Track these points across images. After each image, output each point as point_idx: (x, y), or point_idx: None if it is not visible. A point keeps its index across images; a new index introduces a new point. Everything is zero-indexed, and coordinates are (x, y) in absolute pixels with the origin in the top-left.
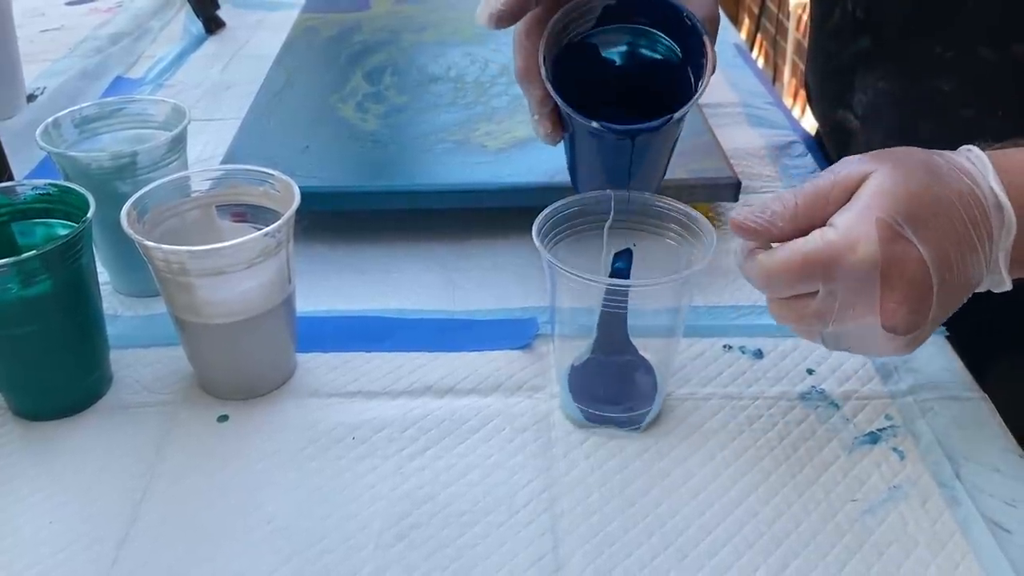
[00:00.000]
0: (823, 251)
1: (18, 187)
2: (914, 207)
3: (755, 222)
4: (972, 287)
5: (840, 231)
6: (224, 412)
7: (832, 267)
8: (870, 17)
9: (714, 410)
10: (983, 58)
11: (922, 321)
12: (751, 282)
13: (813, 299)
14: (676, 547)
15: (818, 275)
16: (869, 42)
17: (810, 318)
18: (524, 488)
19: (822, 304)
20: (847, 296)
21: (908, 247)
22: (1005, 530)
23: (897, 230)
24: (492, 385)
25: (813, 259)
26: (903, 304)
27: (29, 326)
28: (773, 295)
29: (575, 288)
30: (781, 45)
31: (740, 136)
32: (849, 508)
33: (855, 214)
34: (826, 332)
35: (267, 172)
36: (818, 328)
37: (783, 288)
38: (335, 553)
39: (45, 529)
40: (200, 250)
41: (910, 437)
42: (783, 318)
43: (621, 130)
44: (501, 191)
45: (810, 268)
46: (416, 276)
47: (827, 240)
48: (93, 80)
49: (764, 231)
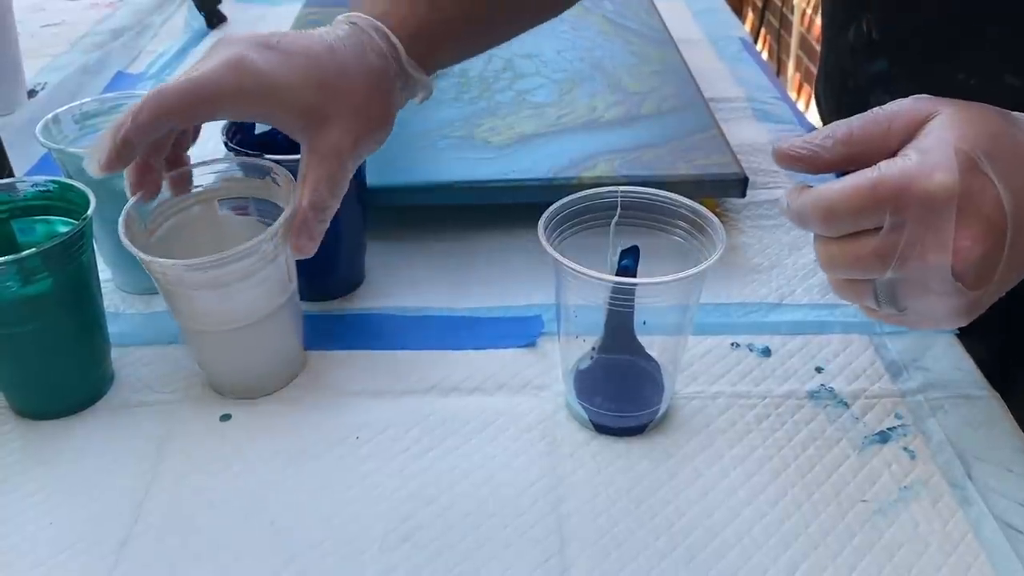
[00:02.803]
0: (897, 176)
1: (18, 184)
2: (994, 146)
3: (804, 148)
4: None
5: (915, 158)
6: (227, 411)
7: (905, 194)
8: (886, 38)
9: (721, 409)
10: (1009, 85)
11: (991, 274)
12: (803, 221)
13: (874, 237)
14: (684, 548)
15: (888, 203)
16: (887, 64)
17: (869, 258)
18: (530, 488)
19: (885, 239)
20: (915, 230)
21: (987, 183)
22: (1018, 531)
23: (976, 161)
24: (497, 384)
25: (884, 183)
26: (977, 243)
27: (29, 324)
28: (831, 231)
29: (581, 286)
30: (785, 39)
31: (747, 131)
32: (859, 509)
33: (931, 142)
34: (881, 282)
35: (268, 164)
36: (877, 271)
37: (846, 220)
38: (338, 554)
39: (46, 529)
40: (197, 263)
41: (921, 436)
42: (836, 262)
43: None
44: (505, 187)
45: (882, 194)
46: (419, 273)
47: (901, 165)
48: (94, 76)
49: (812, 157)
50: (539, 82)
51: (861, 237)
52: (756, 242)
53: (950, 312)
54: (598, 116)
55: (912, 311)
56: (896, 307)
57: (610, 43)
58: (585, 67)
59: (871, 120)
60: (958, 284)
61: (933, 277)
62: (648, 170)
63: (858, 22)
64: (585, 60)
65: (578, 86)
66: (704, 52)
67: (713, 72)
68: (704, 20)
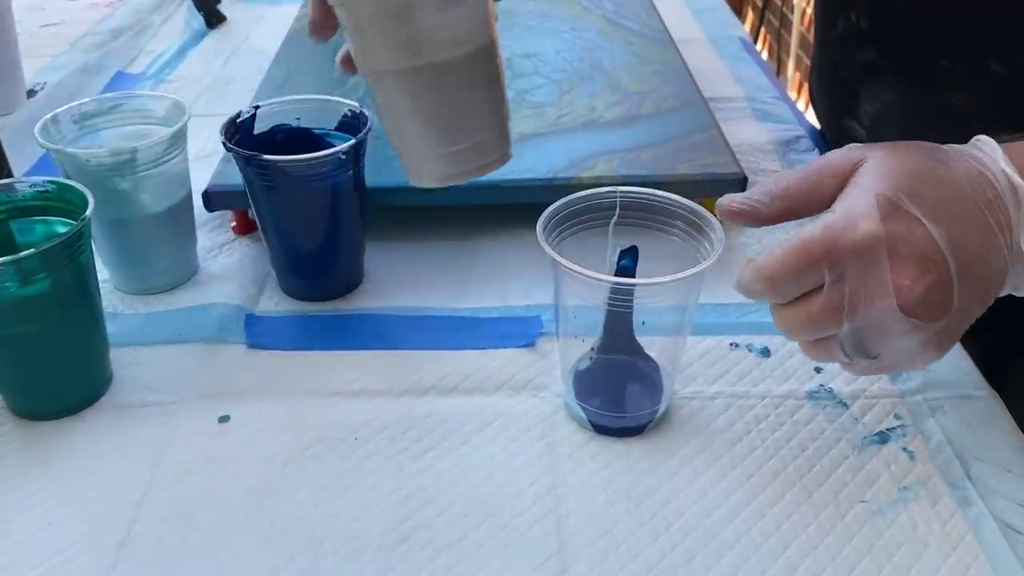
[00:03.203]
0: (822, 234)
1: (17, 184)
2: (916, 184)
3: (744, 204)
4: (998, 277)
5: (838, 212)
6: (225, 412)
7: (834, 248)
8: (875, 28)
9: (720, 409)
10: (994, 71)
11: (944, 305)
12: (753, 294)
13: (820, 294)
14: (683, 549)
15: (822, 260)
16: (875, 53)
17: (822, 314)
18: (528, 489)
19: (830, 294)
20: (855, 279)
21: (913, 222)
22: (1017, 531)
23: (898, 204)
24: (496, 384)
25: (813, 244)
26: (917, 281)
27: (27, 325)
28: (778, 298)
29: (580, 286)
30: (785, 38)
31: (746, 131)
32: (858, 509)
33: (855, 192)
34: (844, 335)
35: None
36: (833, 325)
37: (789, 284)
38: (337, 555)
39: (44, 531)
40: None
41: (920, 437)
42: (793, 326)
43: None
44: (504, 187)
45: (811, 254)
46: (418, 273)
47: (825, 223)
48: (94, 75)
49: (752, 211)
50: (538, 82)
51: (810, 297)
52: (755, 242)
53: (918, 347)
54: (598, 116)
55: (884, 355)
56: (867, 355)
57: (610, 43)
58: (585, 67)
59: (805, 174)
60: (913, 320)
61: (887, 319)
62: (647, 170)
63: (847, 13)
64: (585, 60)
65: (578, 86)
66: (704, 52)
67: (713, 72)
68: (704, 20)
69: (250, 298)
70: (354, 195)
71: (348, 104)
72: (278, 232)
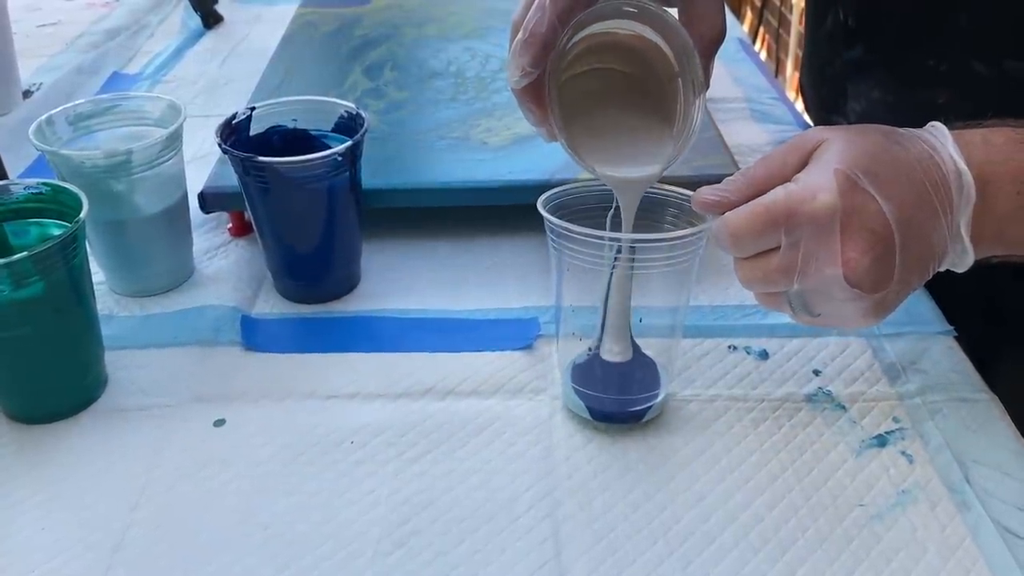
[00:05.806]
0: (784, 200)
1: (11, 186)
2: (872, 163)
3: (714, 194)
4: (937, 255)
5: (800, 182)
6: (221, 416)
7: (793, 215)
8: (862, 26)
9: (719, 412)
10: (977, 72)
11: (886, 279)
12: (719, 243)
13: (776, 255)
14: (680, 553)
15: (780, 223)
16: (862, 51)
17: (775, 273)
18: (526, 493)
19: (785, 257)
20: (809, 246)
21: (867, 198)
22: (1016, 535)
23: (855, 180)
24: (493, 387)
25: (775, 208)
26: (865, 254)
27: (21, 328)
28: (739, 252)
29: (580, 258)
30: (784, 38)
31: (744, 132)
32: (857, 513)
33: (816, 167)
34: (792, 293)
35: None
36: (784, 283)
37: (748, 242)
38: (333, 560)
39: (39, 535)
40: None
41: (919, 440)
42: (749, 278)
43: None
44: (502, 188)
45: (772, 217)
46: (415, 275)
47: (788, 190)
48: (90, 76)
49: (723, 200)
50: None
51: (768, 255)
52: None
53: (857, 314)
54: None
55: (825, 315)
56: (810, 313)
57: None
58: None
59: (770, 159)
60: (855, 290)
61: (832, 286)
62: None
63: (835, 11)
64: None
65: None
66: None
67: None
68: None
69: (246, 300)
70: (350, 197)
71: (344, 105)
72: (274, 234)
